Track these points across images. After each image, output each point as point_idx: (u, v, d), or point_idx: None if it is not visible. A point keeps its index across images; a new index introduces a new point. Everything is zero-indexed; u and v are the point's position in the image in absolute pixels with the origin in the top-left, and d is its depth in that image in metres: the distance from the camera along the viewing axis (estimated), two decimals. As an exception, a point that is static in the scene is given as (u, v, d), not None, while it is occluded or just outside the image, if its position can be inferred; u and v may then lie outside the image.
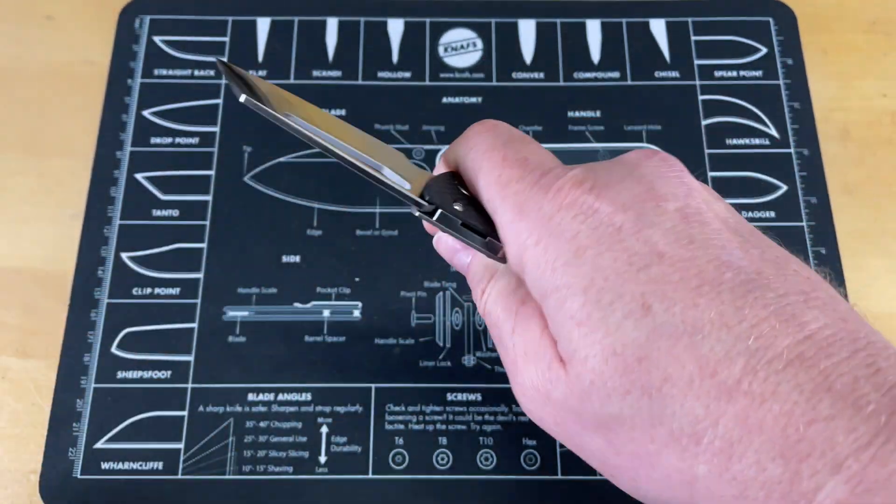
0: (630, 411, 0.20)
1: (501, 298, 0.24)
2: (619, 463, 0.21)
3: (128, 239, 0.37)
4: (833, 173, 0.39)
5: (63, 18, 0.43)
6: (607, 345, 0.20)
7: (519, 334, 0.23)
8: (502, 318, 0.24)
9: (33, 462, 0.33)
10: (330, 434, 0.34)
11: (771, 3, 0.43)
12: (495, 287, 0.24)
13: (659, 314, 0.19)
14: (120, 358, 0.35)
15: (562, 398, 0.21)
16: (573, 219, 0.21)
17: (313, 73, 0.41)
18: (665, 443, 0.19)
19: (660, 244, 0.20)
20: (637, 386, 0.19)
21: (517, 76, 0.41)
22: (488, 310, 0.24)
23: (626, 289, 0.20)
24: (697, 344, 0.19)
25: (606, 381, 0.20)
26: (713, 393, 0.18)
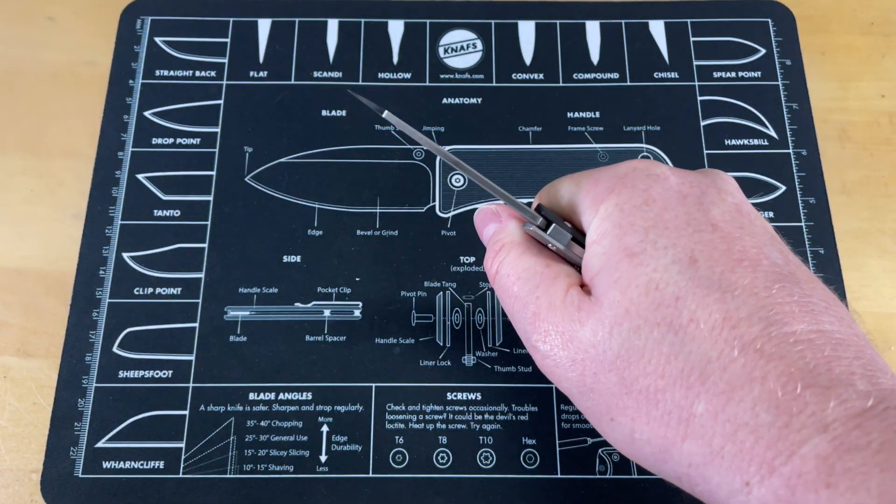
0: (652, 344, 0.22)
1: (525, 258, 0.26)
2: (626, 404, 0.22)
3: (129, 239, 0.37)
4: (831, 174, 0.39)
5: (65, 19, 0.43)
6: (653, 279, 0.22)
7: (544, 288, 0.25)
8: (524, 276, 0.25)
9: (35, 461, 0.34)
10: (330, 433, 0.34)
11: (769, 4, 0.43)
12: (515, 249, 0.26)
13: (702, 268, 0.22)
14: (121, 357, 0.35)
15: (589, 334, 0.23)
16: (646, 177, 0.24)
17: (314, 74, 0.41)
18: (674, 378, 0.21)
19: (716, 218, 0.23)
20: (667, 321, 0.21)
21: (517, 77, 0.41)
22: (504, 271, 0.26)
23: (681, 242, 0.22)
24: (727, 299, 0.21)
25: (641, 310, 0.22)
26: (729, 342, 0.20)
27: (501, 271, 0.26)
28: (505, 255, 0.27)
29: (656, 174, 0.25)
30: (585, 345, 0.23)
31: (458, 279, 0.37)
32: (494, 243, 0.27)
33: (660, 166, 0.25)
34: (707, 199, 0.24)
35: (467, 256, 0.37)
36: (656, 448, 0.22)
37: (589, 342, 0.23)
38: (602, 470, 0.33)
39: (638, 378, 0.22)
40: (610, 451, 0.34)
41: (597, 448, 0.34)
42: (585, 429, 0.34)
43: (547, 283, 0.25)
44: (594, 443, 0.34)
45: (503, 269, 0.26)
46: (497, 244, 0.27)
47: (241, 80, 0.41)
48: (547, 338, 0.24)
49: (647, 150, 0.39)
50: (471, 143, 0.40)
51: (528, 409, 0.34)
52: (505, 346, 0.35)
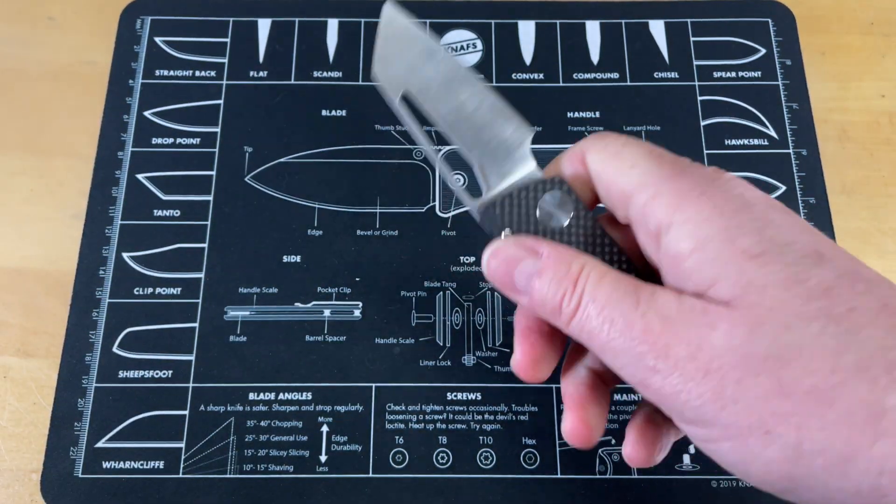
0: (811, 339, 0.19)
1: (607, 279, 0.22)
2: (786, 410, 0.19)
3: (129, 239, 0.37)
4: (831, 174, 0.39)
5: (64, 19, 0.43)
6: (790, 274, 0.20)
7: (648, 303, 0.22)
8: (616, 297, 0.22)
9: (35, 461, 0.34)
10: (330, 433, 0.34)
11: (769, 4, 0.43)
12: (594, 273, 0.23)
13: (835, 261, 0.20)
14: (121, 357, 0.35)
15: (723, 339, 0.20)
16: (738, 184, 0.22)
17: (314, 74, 0.41)
18: (852, 372, 0.19)
19: (803, 220, 0.22)
20: (823, 313, 0.19)
21: (517, 77, 0.41)
22: (588, 301, 0.22)
23: (798, 238, 0.21)
24: (875, 288, 0.20)
25: (788, 307, 0.20)
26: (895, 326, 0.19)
27: (585, 303, 0.22)
28: (583, 284, 0.23)
29: (745, 183, 0.23)
30: (721, 350, 0.20)
31: (458, 279, 0.37)
32: (560, 280, 0.23)
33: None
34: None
35: (467, 256, 0.37)
36: (834, 458, 0.19)
37: (725, 347, 0.20)
38: (602, 470, 0.33)
39: (800, 378, 0.19)
40: (610, 452, 0.34)
41: (597, 448, 0.34)
42: (585, 429, 0.34)
43: (648, 297, 0.22)
44: (594, 443, 0.34)
45: (587, 299, 0.22)
46: (564, 279, 0.23)
47: (240, 80, 0.41)
48: (669, 352, 0.21)
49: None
50: (471, 143, 0.39)
51: (528, 409, 0.34)
52: (505, 346, 0.35)
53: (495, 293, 0.37)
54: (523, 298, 0.24)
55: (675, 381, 0.21)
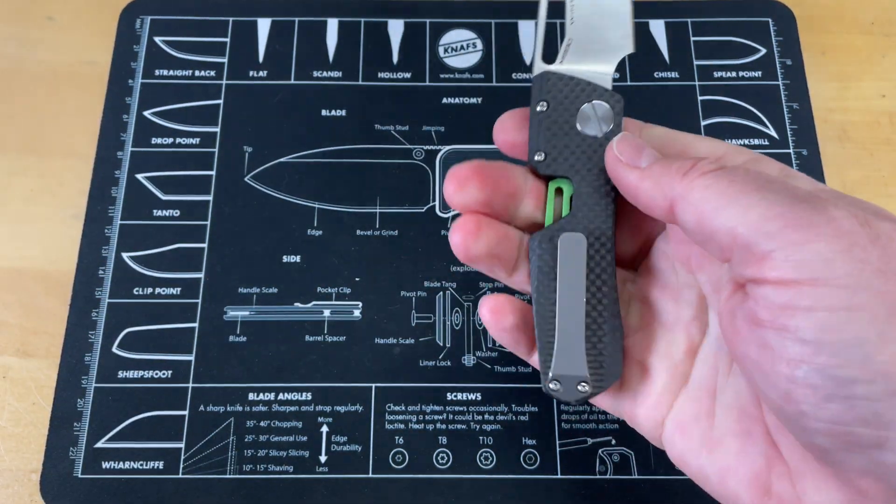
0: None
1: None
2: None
3: (129, 239, 0.37)
4: (832, 173, 0.39)
5: (64, 19, 0.43)
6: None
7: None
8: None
9: (34, 461, 0.34)
10: (330, 433, 0.34)
11: (770, 3, 0.43)
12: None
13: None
14: (121, 357, 0.35)
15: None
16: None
17: (314, 74, 0.41)
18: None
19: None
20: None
21: (517, 77, 0.41)
22: (741, 170, 0.22)
23: None
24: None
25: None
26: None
27: (721, 173, 0.22)
28: (722, 165, 0.22)
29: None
30: (890, 234, 0.19)
31: (458, 279, 0.37)
32: (685, 160, 0.23)
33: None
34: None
35: (467, 256, 0.37)
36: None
37: (892, 233, 0.19)
38: (602, 470, 0.33)
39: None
40: (610, 452, 0.34)
41: (597, 448, 0.34)
42: (585, 429, 0.34)
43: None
44: (594, 443, 0.34)
45: (722, 172, 0.22)
46: (690, 160, 0.23)
47: (240, 80, 0.41)
48: (835, 209, 0.20)
49: (648, 149, 0.39)
50: (471, 142, 0.39)
51: (528, 409, 0.34)
52: (505, 347, 0.35)
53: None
54: (644, 161, 0.24)
55: (845, 225, 0.19)
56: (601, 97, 0.26)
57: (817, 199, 0.20)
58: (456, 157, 0.39)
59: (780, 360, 0.20)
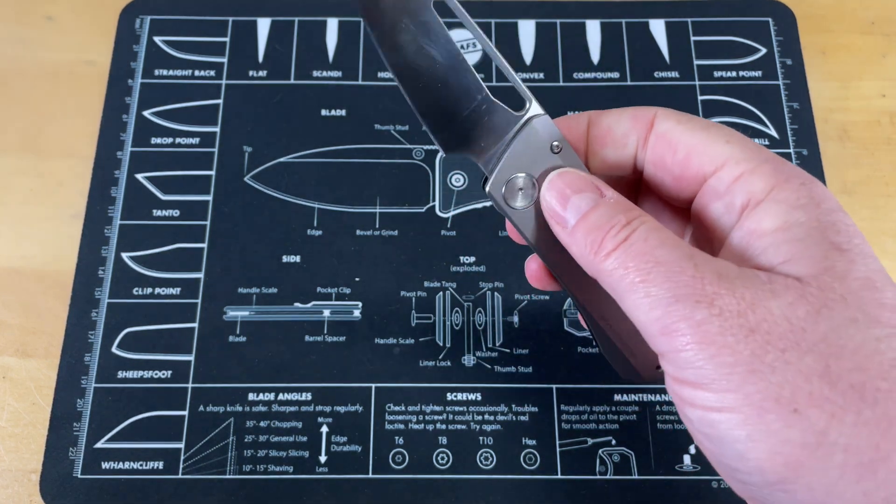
0: (873, 342, 0.19)
1: (668, 236, 0.21)
2: (826, 395, 0.19)
3: (128, 239, 0.37)
4: (832, 173, 0.39)
5: (63, 19, 0.43)
6: (870, 277, 0.21)
7: (706, 261, 0.21)
8: (675, 248, 0.21)
9: (34, 461, 0.34)
10: (330, 434, 0.34)
11: (770, 3, 0.43)
12: (654, 226, 0.22)
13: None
14: (120, 357, 0.35)
15: (783, 308, 0.20)
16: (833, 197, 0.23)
17: (313, 74, 0.41)
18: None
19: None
20: (891, 325, 0.20)
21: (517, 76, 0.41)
22: (647, 240, 0.21)
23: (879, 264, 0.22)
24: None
25: (862, 304, 0.20)
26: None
27: (635, 239, 0.21)
28: (638, 224, 0.22)
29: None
30: (776, 317, 0.19)
31: (458, 279, 0.37)
32: (615, 214, 0.22)
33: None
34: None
35: (467, 256, 0.37)
36: (856, 458, 0.18)
37: (782, 315, 0.19)
38: (602, 470, 0.33)
39: (850, 372, 0.19)
40: (610, 452, 0.34)
41: (597, 448, 0.34)
42: (585, 429, 0.34)
43: (705, 257, 0.21)
44: (594, 443, 0.34)
45: (638, 236, 0.21)
46: (620, 215, 0.22)
47: (240, 80, 0.41)
48: (715, 301, 0.20)
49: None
50: (471, 142, 0.39)
51: (528, 409, 0.34)
52: (505, 347, 0.35)
53: (495, 293, 0.37)
54: (569, 220, 0.23)
55: (711, 330, 0.19)
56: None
57: (693, 296, 0.20)
58: (456, 156, 0.39)
59: (694, 431, 0.21)
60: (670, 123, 0.25)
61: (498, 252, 0.37)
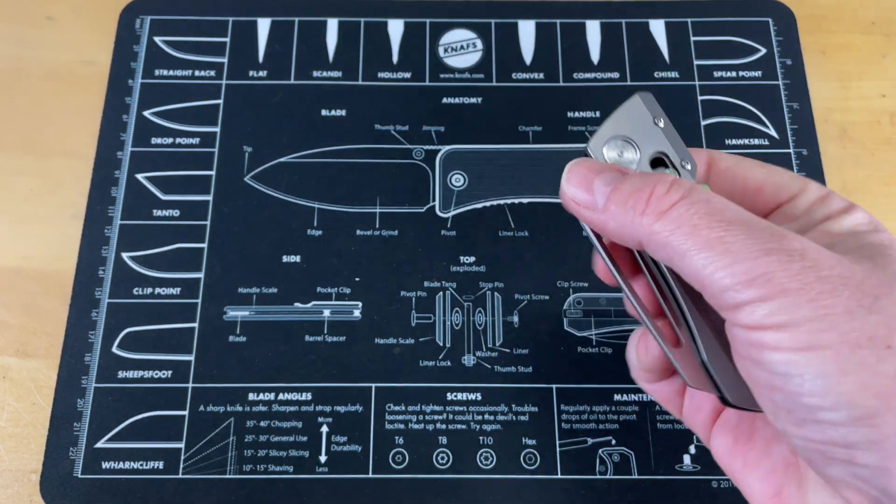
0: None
1: (729, 202, 0.22)
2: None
3: (128, 239, 0.37)
4: (832, 173, 0.39)
5: (64, 19, 0.43)
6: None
7: (782, 231, 0.21)
8: (740, 208, 0.22)
9: (34, 461, 0.34)
10: (330, 433, 0.34)
11: (770, 3, 0.43)
12: (706, 190, 0.22)
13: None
14: (121, 357, 0.35)
15: (866, 269, 0.21)
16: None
17: (313, 74, 0.41)
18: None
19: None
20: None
21: (517, 76, 0.41)
22: (704, 194, 0.21)
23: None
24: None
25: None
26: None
27: (695, 198, 0.21)
28: (687, 184, 0.22)
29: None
30: (863, 274, 0.20)
31: (458, 279, 0.37)
32: (652, 177, 0.22)
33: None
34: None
35: (467, 256, 0.37)
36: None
37: (868, 274, 0.20)
38: (602, 470, 0.33)
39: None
40: (610, 452, 0.34)
41: (597, 448, 0.34)
42: (585, 429, 0.34)
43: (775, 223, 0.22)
44: (594, 443, 0.34)
45: (696, 196, 0.21)
46: (661, 177, 0.22)
47: (240, 80, 0.41)
48: (806, 255, 0.20)
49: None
50: (471, 142, 0.39)
51: (528, 409, 0.34)
52: (505, 347, 0.35)
53: (495, 293, 0.37)
54: (598, 200, 0.23)
55: (810, 278, 0.20)
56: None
57: (784, 250, 0.20)
58: (456, 156, 0.39)
59: (760, 386, 0.21)
60: (730, 161, 0.26)
61: (498, 252, 0.37)
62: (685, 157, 0.25)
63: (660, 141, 0.25)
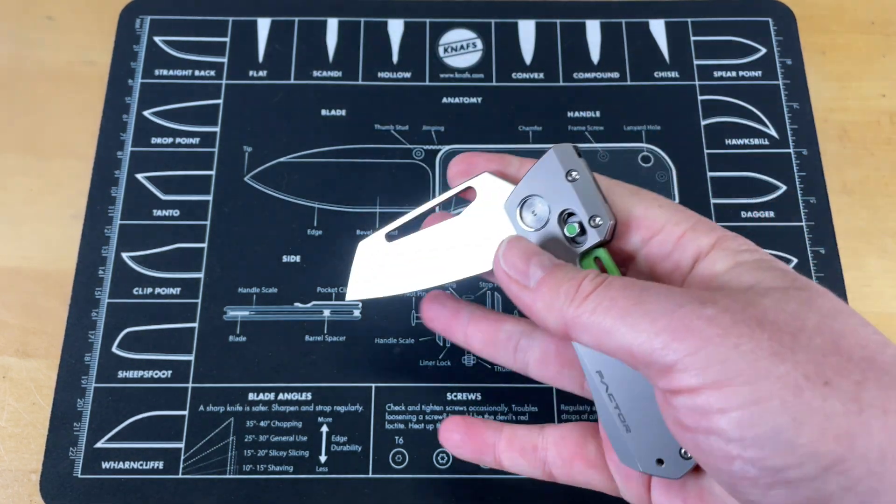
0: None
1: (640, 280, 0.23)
2: (844, 365, 0.20)
3: (128, 239, 0.37)
4: (832, 173, 0.39)
5: (64, 19, 0.43)
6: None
7: (688, 291, 0.22)
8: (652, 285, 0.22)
9: (34, 461, 0.33)
10: (330, 433, 0.34)
11: (770, 3, 0.43)
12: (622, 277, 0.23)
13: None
14: (120, 357, 0.35)
15: (774, 303, 0.21)
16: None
17: (313, 74, 0.41)
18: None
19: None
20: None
21: (517, 76, 0.41)
22: (622, 282, 0.22)
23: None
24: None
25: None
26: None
27: (611, 280, 0.22)
28: (606, 276, 0.23)
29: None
30: (774, 310, 0.20)
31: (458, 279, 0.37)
32: (579, 271, 0.23)
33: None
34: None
35: (467, 256, 0.37)
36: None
37: (778, 308, 0.20)
38: (602, 470, 0.33)
39: (856, 348, 0.20)
40: (610, 452, 0.34)
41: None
42: (585, 429, 0.34)
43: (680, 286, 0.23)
44: (594, 443, 0.34)
45: (613, 279, 0.22)
46: (585, 271, 0.23)
47: (240, 80, 0.41)
48: (718, 301, 0.20)
49: (648, 149, 0.39)
50: (471, 142, 0.39)
51: (528, 409, 0.34)
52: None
53: (495, 293, 0.37)
54: (532, 276, 0.24)
55: (726, 321, 0.20)
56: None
57: (696, 300, 0.21)
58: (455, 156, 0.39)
59: (716, 459, 0.20)
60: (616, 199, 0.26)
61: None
62: (598, 213, 0.25)
63: (569, 198, 0.25)
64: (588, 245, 0.25)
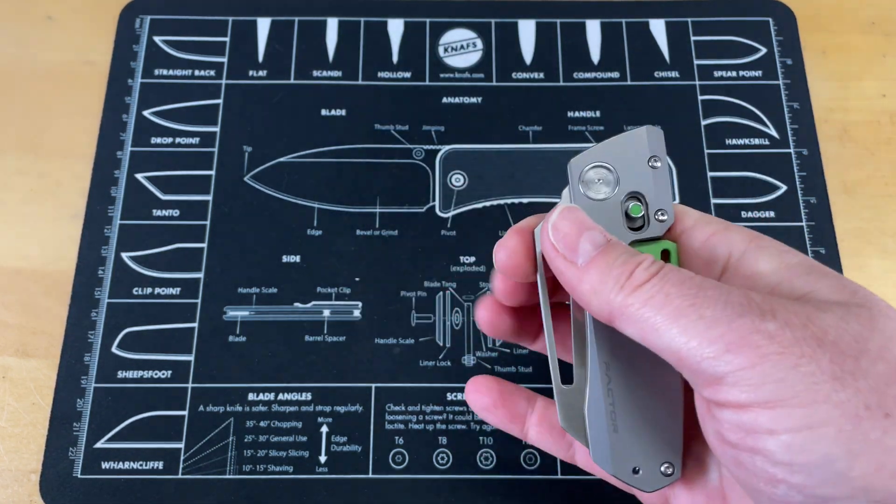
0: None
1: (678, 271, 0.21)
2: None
3: (128, 239, 0.37)
4: (832, 173, 0.39)
5: (63, 18, 0.43)
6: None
7: (749, 293, 0.20)
8: (689, 279, 0.21)
9: (34, 461, 0.33)
10: (330, 434, 0.34)
11: (770, 3, 0.43)
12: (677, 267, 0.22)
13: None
14: (120, 357, 0.35)
15: (836, 320, 0.19)
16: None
17: (313, 74, 0.41)
18: None
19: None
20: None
21: (517, 76, 0.41)
22: (680, 272, 0.21)
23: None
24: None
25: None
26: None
27: (667, 271, 0.21)
28: (662, 264, 0.21)
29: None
30: (836, 328, 0.19)
31: (458, 279, 0.37)
32: (633, 254, 0.22)
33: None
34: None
35: (467, 256, 0.37)
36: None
37: (840, 327, 0.19)
38: (602, 470, 0.33)
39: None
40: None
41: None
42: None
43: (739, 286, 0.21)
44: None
45: (668, 270, 0.21)
46: (638, 255, 0.22)
47: (240, 80, 0.41)
48: (777, 315, 0.19)
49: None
50: (471, 142, 0.39)
51: (529, 409, 0.34)
52: (505, 347, 0.35)
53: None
54: (581, 258, 0.22)
55: (787, 339, 0.18)
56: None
57: (755, 310, 0.19)
58: (456, 156, 0.39)
59: (758, 479, 0.19)
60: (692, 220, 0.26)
61: (498, 252, 0.37)
62: (663, 209, 0.24)
63: (645, 182, 0.24)
64: (644, 236, 0.24)
